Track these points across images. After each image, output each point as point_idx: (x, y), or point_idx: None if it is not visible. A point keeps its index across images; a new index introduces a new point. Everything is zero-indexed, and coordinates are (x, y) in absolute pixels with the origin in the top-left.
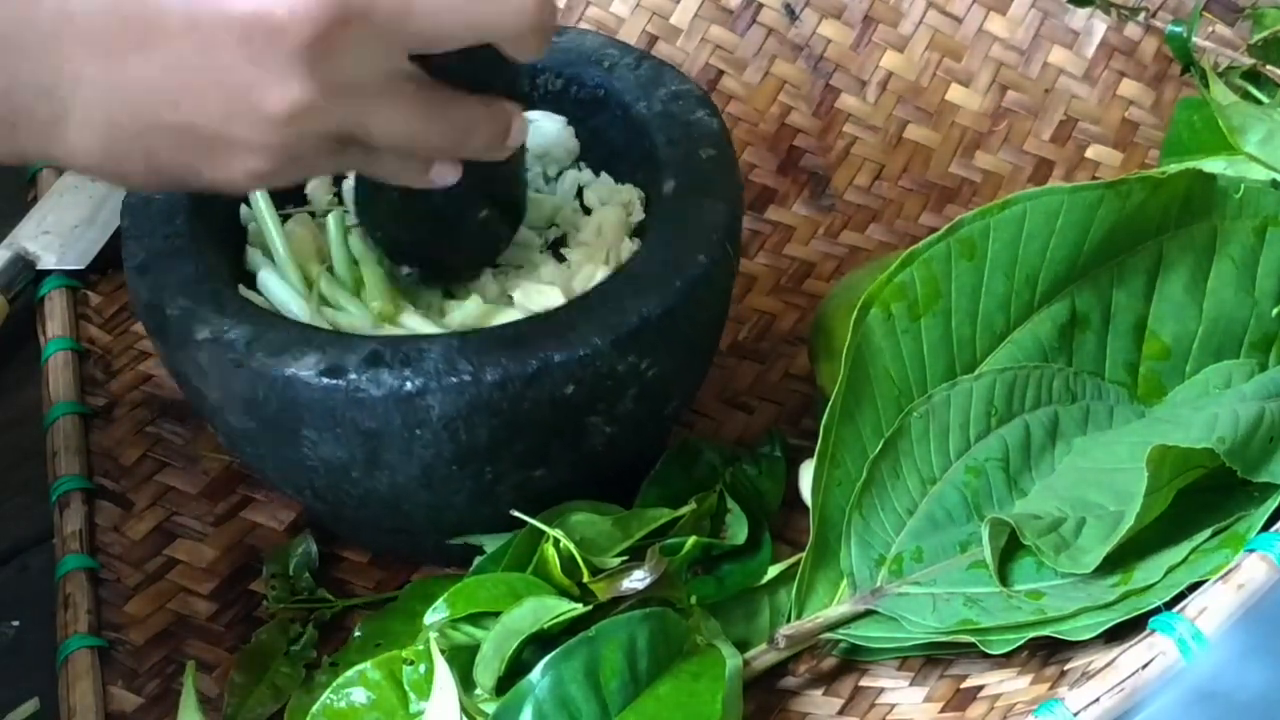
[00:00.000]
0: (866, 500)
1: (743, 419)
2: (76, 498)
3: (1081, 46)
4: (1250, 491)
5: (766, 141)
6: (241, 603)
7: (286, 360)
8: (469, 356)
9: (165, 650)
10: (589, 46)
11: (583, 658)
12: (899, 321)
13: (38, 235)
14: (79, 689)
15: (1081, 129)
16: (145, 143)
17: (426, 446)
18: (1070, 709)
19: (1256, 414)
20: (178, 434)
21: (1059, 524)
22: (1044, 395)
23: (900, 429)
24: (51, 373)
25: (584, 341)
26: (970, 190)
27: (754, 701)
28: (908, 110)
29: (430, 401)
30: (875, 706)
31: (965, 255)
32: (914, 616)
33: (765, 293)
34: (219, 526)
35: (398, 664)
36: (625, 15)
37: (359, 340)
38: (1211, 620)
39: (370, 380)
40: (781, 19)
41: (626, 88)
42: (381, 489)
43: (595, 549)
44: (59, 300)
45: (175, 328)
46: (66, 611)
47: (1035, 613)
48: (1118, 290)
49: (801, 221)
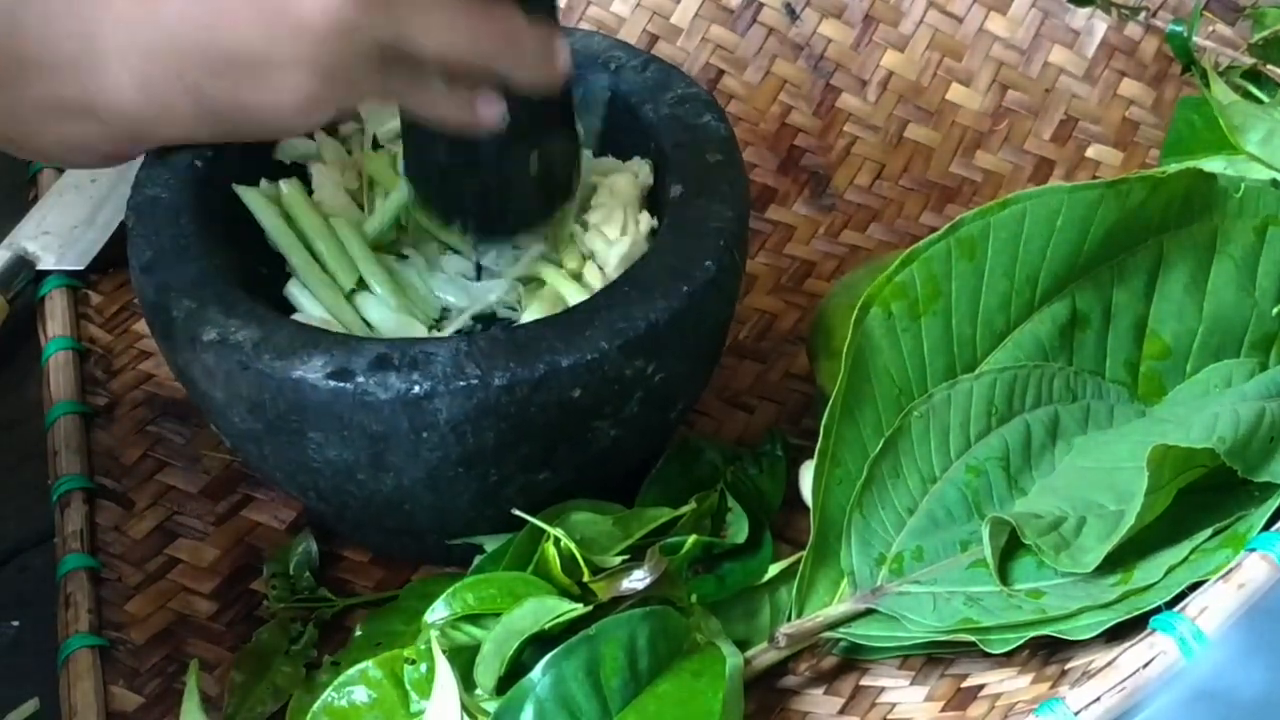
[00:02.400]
0: (867, 499)
1: (743, 418)
2: (77, 497)
3: (1082, 46)
4: (1251, 491)
5: (767, 141)
6: (242, 602)
7: (293, 362)
8: (476, 360)
9: (166, 650)
10: (596, 48)
11: (583, 656)
12: (899, 321)
13: (38, 235)
14: (80, 688)
15: (1082, 128)
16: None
17: (433, 449)
18: (1071, 708)
19: (1257, 413)
20: (178, 433)
21: (1059, 523)
22: (1044, 394)
23: (901, 428)
24: (52, 372)
25: (591, 346)
26: (970, 190)
27: (755, 700)
28: (908, 110)
29: (438, 405)
30: (876, 705)
31: (965, 255)
32: (914, 615)
33: (765, 292)
34: (220, 526)
35: (399, 663)
36: (626, 15)
37: (366, 343)
38: (1212, 619)
39: (378, 383)
40: (782, 18)
41: (633, 90)
42: (386, 490)
43: (596, 548)
44: (59, 300)
45: (181, 328)
46: (67, 611)
47: (1036, 612)
48: (1118, 290)
49: (802, 221)
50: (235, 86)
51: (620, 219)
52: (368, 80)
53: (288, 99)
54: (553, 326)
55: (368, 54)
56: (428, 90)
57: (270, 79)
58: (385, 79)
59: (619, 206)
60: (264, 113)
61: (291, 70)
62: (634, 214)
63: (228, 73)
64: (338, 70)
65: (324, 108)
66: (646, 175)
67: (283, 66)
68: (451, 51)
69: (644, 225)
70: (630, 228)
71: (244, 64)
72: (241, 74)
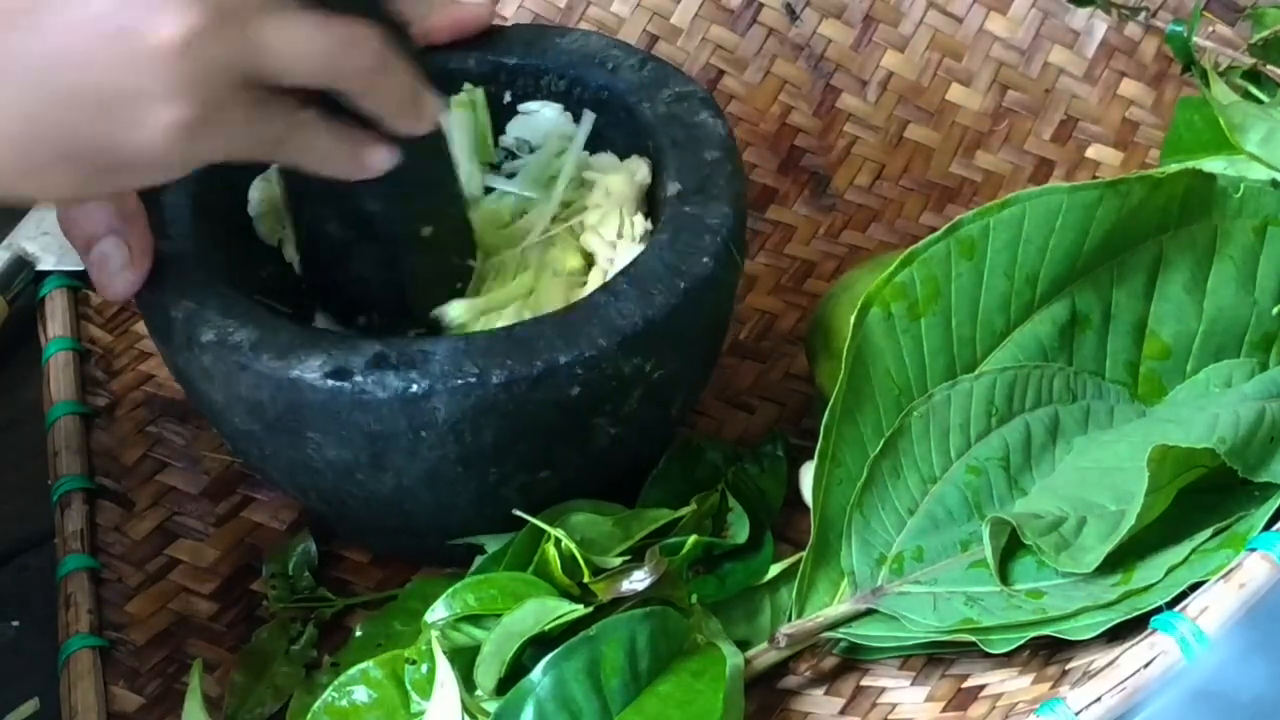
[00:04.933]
0: (867, 499)
1: (744, 419)
2: (78, 498)
3: (1082, 46)
4: (1251, 491)
5: (767, 141)
6: (242, 602)
7: (292, 362)
8: (474, 358)
9: (166, 650)
10: (593, 48)
11: (584, 656)
12: (899, 321)
13: (37, 236)
14: (80, 689)
15: (1082, 129)
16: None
17: (432, 448)
18: (1072, 708)
19: (1257, 413)
20: (179, 434)
21: (1060, 523)
22: (1044, 395)
23: (901, 428)
24: (52, 373)
25: (589, 343)
26: (970, 190)
27: (755, 701)
28: (908, 110)
29: (436, 403)
30: (877, 706)
31: (965, 255)
32: (915, 615)
33: (766, 292)
34: (220, 526)
35: (400, 663)
36: (625, 15)
37: (364, 342)
38: (1213, 619)
39: (376, 382)
40: (782, 19)
41: (630, 89)
42: (385, 490)
43: (596, 549)
44: (60, 300)
45: (180, 329)
46: (68, 611)
47: (1036, 612)
48: (1118, 290)
49: (802, 221)
50: (106, 128)
51: (616, 221)
52: (240, 110)
53: (160, 132)
54: (551, 324)
55: (230, 74)
56: (305, 131)
57: (137, 112)
58: (260, 115)
59: (614, 208)
60: (138, 151)
61: (159, 99)
62: (629, 215)
63: (91, 110)
64: (202, 91)
65: (199, 140)
66: (645, 175)
67: (149, 94)
68: (311, 70)
69: (639, 228)
70: (626, 229)
71: (108, 100)
72: (107, 108)
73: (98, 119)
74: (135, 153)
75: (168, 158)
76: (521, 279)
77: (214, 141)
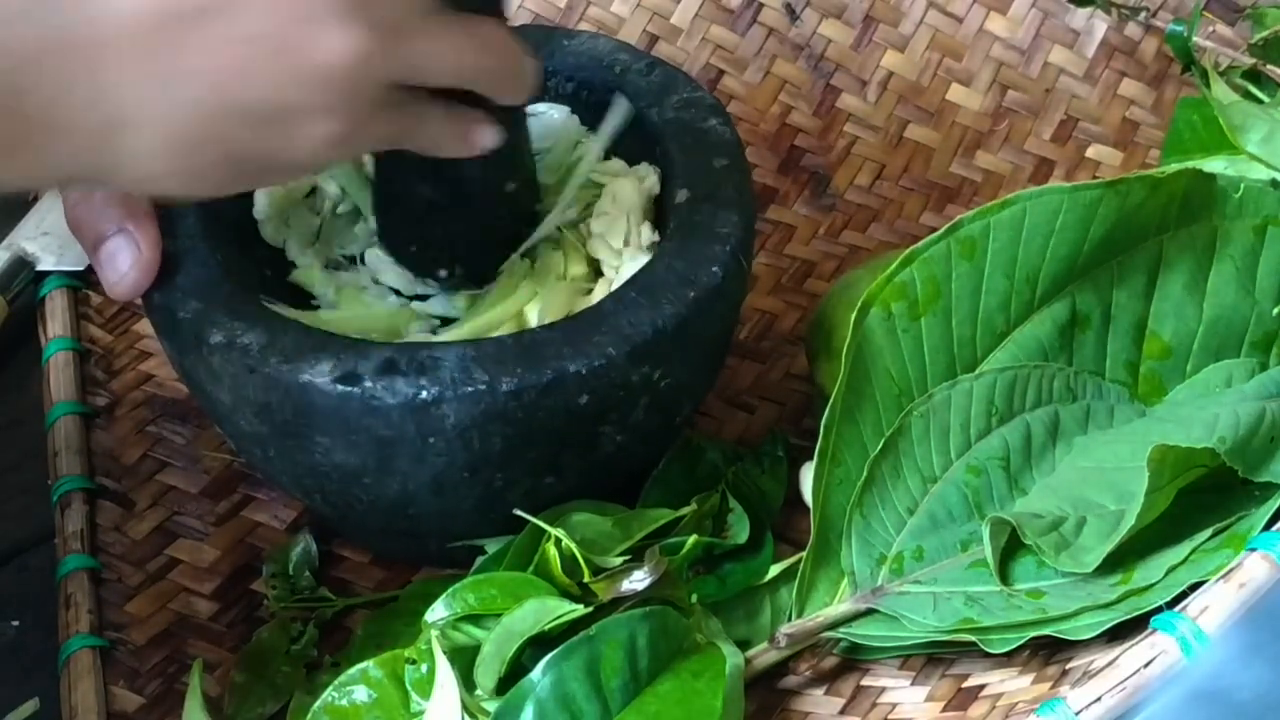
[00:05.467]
0: (867, 499)
1: (744, 419)
2: (78, 497)
3: (1082, 46)
4: (1251, 491)
5: (767, 141)
6: (243, 602)
7: (301, 366)
8: (484, 365)
9: (167, 650)
10: (601, 51)
11: (584, 656)
12: (899, 321)
13: (37, 235)
14: (81, 689)
15: (1082, 129)
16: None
17: (440, 454)
18: (1072, 708)
19: (1257, 413)
20: (179, 434)
21: (1060, 523)
22: (1044, 394)
23: (901, 428)
24: (52, 372)
25: (599, 352)
26: (971, 190)
27: (755, 700)
28: (908, 110)
29: (445, 410)
30: (877, 706)
31: (965, 255)
32: (915, 615)
33: (766, 292)
34: (220, 526)
35: (400, 663)
36: (626, 15)
37: (374, 347)
38: (1213, 619)
39: (385, 388)
40: (782, 19)
41: (638, 94)
42: (391, 494)
43: (596, 549)
44: (60, 300)
45: (187, 330)
46: (68, 611)
47: (1036, 612)
48: (1118, 290)
49: (802, 221)
50: (265, 138)
51: (623, 229)
52: (383, 120)
53: (314, 145)
54: (560, 332)
55: (385, 92)
56: (428, 121)
57: (300, 126)
58: (398, 115)
59: (622, 215)
60: (292, 159)
61: (320, 115)
62: (637, 224)
63: (258, 126)
64: (358, 106)
65: (341, 151)
66: (654, 183)
67: (312, 112)
68: (459, 75)
69: (646, 237)
70: (633, 238)
71: (274, 115)
72: (272, 123)
73: (258, 131)
74: (290, 160)
75: (315, 163)
76: (525, 284)
77: (358, 147)
